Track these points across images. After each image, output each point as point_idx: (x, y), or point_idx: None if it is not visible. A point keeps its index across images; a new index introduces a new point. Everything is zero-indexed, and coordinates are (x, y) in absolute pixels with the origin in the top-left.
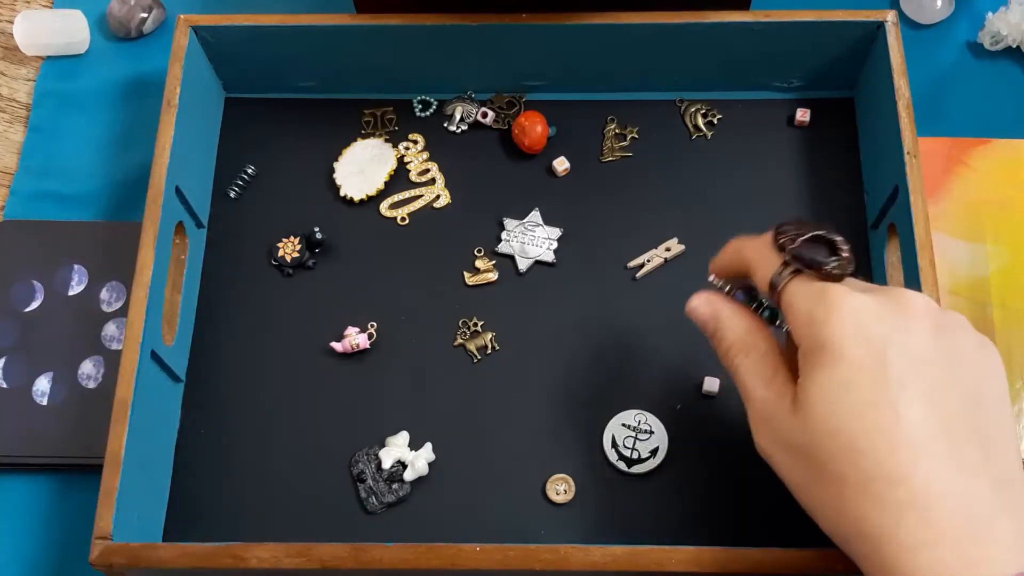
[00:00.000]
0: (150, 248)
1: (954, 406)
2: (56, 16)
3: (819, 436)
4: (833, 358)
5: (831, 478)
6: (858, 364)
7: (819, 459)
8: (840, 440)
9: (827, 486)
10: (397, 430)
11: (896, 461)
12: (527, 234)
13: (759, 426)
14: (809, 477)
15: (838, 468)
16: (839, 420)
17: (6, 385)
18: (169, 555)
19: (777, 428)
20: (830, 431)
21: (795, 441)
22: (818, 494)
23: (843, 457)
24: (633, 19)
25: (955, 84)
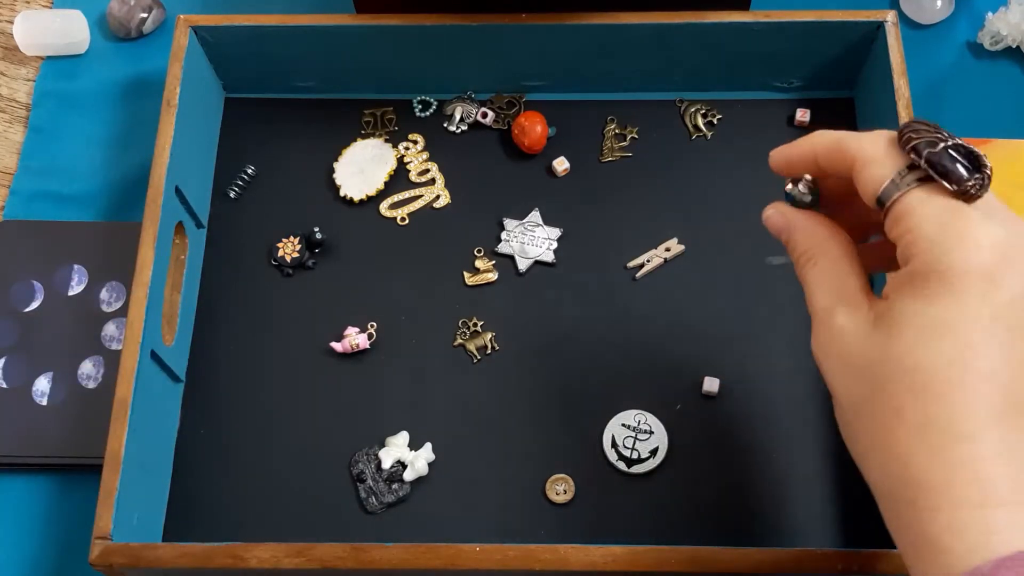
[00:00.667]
0: (150, 248)
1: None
2: (56, 16)
3: (894, 365)
4: (946, 291)
5: (891, 411)
6: (971, 308)
7: (884, 387)
8: (917, 378)
9: (883, 416)
10: (397, 430)
11: (969, 420)
12: (527, 234)
13: (820, 332)
14: (864, 400)
15: (901, 404)
16: (925, 358)
17: (6, 385)
18: (169, 555)
19: (844, 340)
20: (910, 366)
21: (863, 359)
22: (868, 421)
23: (912, 396)
24: (633, 19)
25: (955, 84)
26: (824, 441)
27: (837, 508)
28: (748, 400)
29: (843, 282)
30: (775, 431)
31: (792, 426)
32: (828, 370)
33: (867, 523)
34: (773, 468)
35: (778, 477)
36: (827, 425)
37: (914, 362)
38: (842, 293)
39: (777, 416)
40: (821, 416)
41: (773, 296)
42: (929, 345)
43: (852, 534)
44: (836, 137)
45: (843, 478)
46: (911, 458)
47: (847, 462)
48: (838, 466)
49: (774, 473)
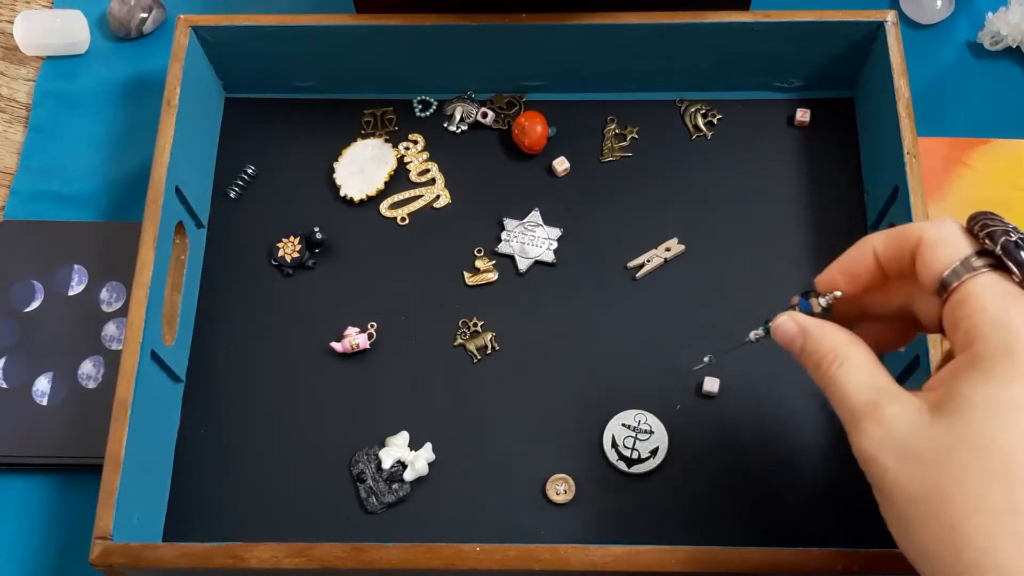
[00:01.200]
0: (150, 248)
1: None
2: (56, 16)
3: (968, 451)
4: (1019, 373)
5: (968, 499)
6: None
7: (958, 475)
8: (993, 461)
9: (957, 505)
10: (397, 430)
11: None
12: (527, 234)
13: (869, 428)
14: (931, 490)
15: (980, 491)
16: (999, 438)
17: (6, 385)
18: (169, 555)
19: (901, 432)
20: (983, 447)
21: (928, 448)
22: (935, 512)
23: (993, 482)
24: (633, 19)
25: (955, 84)
26: (824, 441)
27: (837, 508)
28: (748, 400)
29: (879, 378)
30: (775, 431)
31: (792, 426)
32: (883, 465)
33: (867, 523)
34: (773, 468)
35: (778, 477)
36: (827, 425)
37: (991, 445)
38: (882, 387)
39: (777, 416)
40: (821, 416)
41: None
42: (1004, 423)
43: (852, 534)
44: (897, 228)
45: (843, 478)
46: (993, 546)
47: (847, 462)
48: (838, 466)
49: (774, 473)
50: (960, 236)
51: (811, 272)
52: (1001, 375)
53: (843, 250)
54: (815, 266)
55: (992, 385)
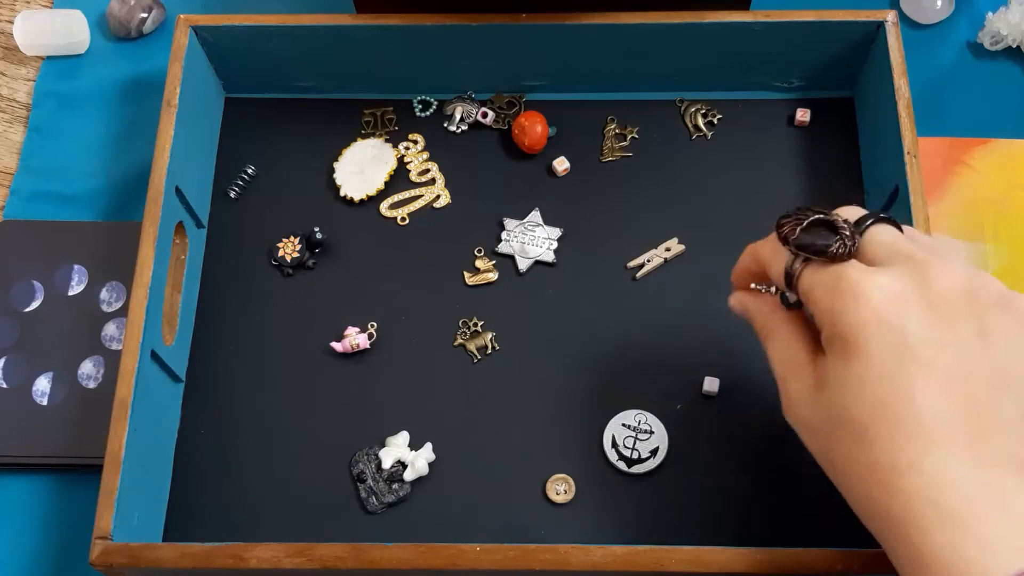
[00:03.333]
0: (150, 248)
1: (978, 390)
2: (56, 16)
3: (835, 422)
4: (852, 350)
5: (845, 462)
6: (876, 357)
7: (835, 441)
8: (855, 430)
9: (843, 468)
10: (397, 430)
11: (905, 450)
12: (527, 234)
13: (784, 403)
14: (827, 457)
15: (850, 453)
16: (853, 411)
17: (6, 385)
18: (169, 555)
19: (800, 408)
20: (845, 420)
21: (815, 421)
22: (835, 473)
23: (854, 444)
24: (633, 19)
25: (955, 84)
26: None
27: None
28: (748, 400)
29: (793, 354)
30: (775, 431)
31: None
32: (798, 433)
33: None
34: (773, 468)
35: (778, 477)
36: None
37: (849, 416)
38: (792, 363)
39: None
40: None
41: None
42: (854, 398)
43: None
44: (751, 249)
45: None
46: (874, 498)
47: None
48: None
49: (774, 473)
50: (779, 247)
51: None
52: (842, 354)
53: None
54: None
55: (839, 365)
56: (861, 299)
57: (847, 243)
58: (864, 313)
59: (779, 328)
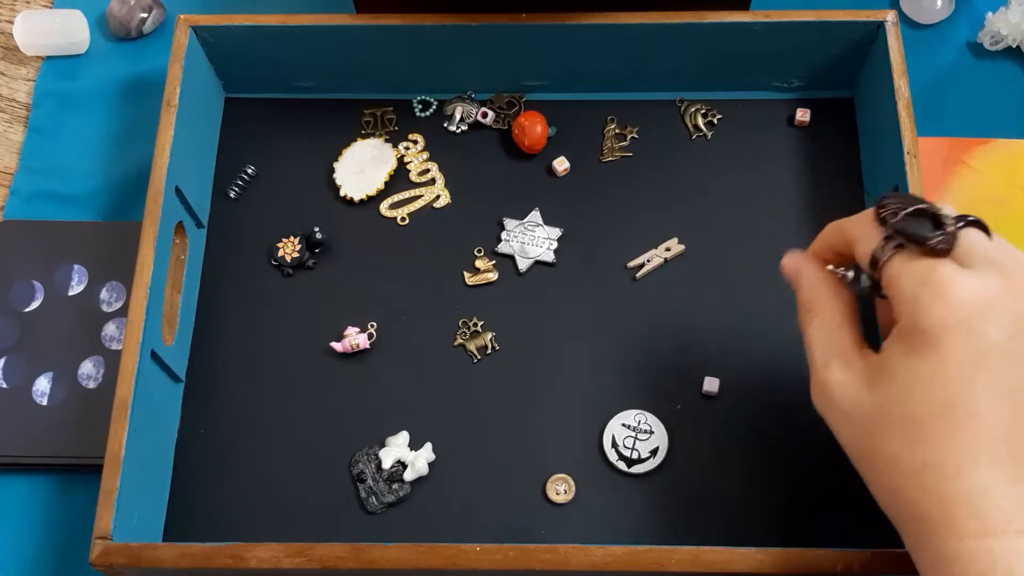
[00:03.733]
0: (150, 248)
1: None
2: (56, 16)
3: (888, 416)
4: (929, 347)
5: (889, 458)
6: (952, 360)
7: (881, 437)
8: (909, 428)
9: (882, 463)
10: (397, 430)
11: (957, 457)
12: (527, 234)
13: (816, 385)
14: (864, 447)
15: (898, 451)
16: (916, 409)
17: (6, 385)
18: (169, 555)
19: (839, 397)
20: (902, 416)
21: (859, 411)
22: (871, 467)
23: (907, 444)
24: (633, 19)
25: (955, 84)
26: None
27: (837, 508)
28: (748, 400)
29: (839, 338)
30: (775, 431)
31: (792, 426)
32: (829, 420)
33: (867, 523)
34: (773, 468)
35: (778, 477)
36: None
37: (906, 413)
38: (837, 348)
39: (777, 416)
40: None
41: (773, 296)
42: (919, 396)
43: (852, 534)
44: (837, 224)
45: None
46: (912, 498)
47: (847, 462)
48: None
49: (774, 473)
50: (873, 227)
51: None
52: (917, 349)
53: None
54: None
55: (910, 358)
56: (950, 297)
57: (949, 239)
58: (950, 311)
59: (828, 308)
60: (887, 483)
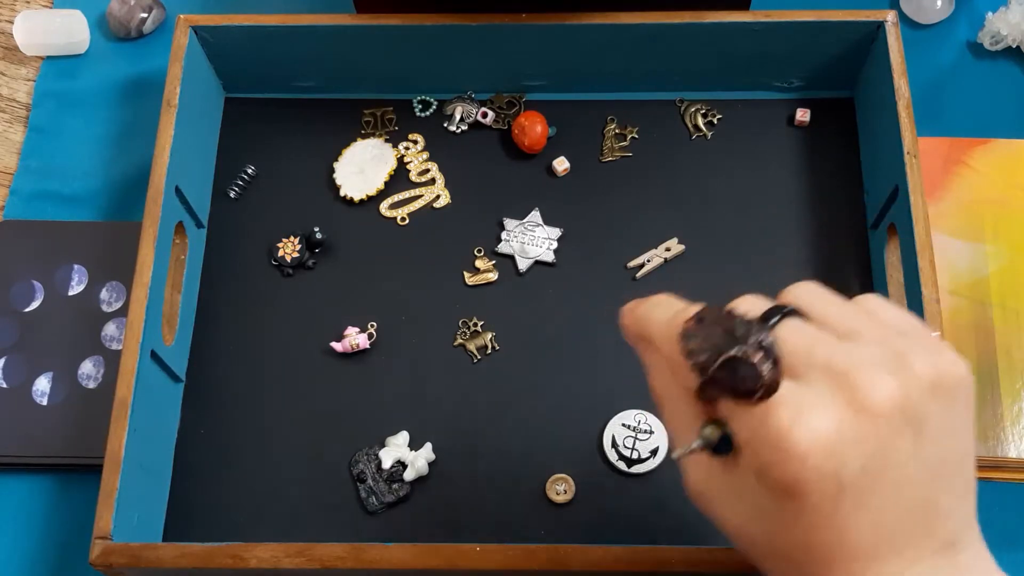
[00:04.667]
0: (150, 248)
1: (915, 494)
2: (56, 16)
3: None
4: (784, 496)
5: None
6: (811, 505)
7: (756, 554)
8: (781, 559)
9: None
10: (397, 430)
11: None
12: (527, 234)
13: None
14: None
15: (776, 570)
16: (779, 543)
17: (6, 385)
18: (169, 555)
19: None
20: (771, 549)
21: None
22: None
23: (779, 560)
24: (633, 19)
25: (955, 84)
26: None
27: None
28: None
29: (683, 435)
30: None
31: None
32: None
33: None
34: None
35: None
36: None
37: (775, 548)
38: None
39: None
40: None
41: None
42: (785, 534)
43: None
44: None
45: None
46: None
47: None
48: None
49: None
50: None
51: (811, 272)
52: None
53: (843, 250)
54: (815, 266)
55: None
56: (793, 455)
57: (770, 386)
58: (798, 469)
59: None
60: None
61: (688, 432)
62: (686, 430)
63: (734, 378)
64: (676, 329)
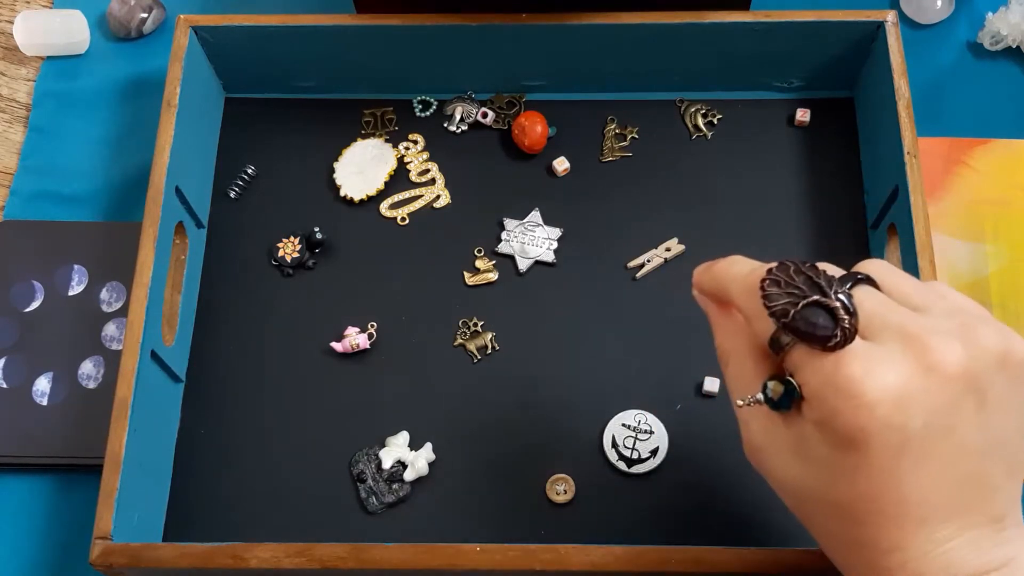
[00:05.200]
0: (150, 248)
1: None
2: (56, 16)
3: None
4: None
5: (819, 527)
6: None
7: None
8: (837, 510)
9: (816, 530)
10: (397, 430)
11: (890, 535)
12: (527, 234)
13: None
14: (800, 513)
15: (827, 526)
16: (840, 496)
17: (6, 385)
18: (169, 555)
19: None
20: (827, 500)
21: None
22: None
23: (833, 518)
24: (633, 19)
25: (955, 84)
26: None
27: None
28: None
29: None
30: None
31: None
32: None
33: None
34: None
35: None
36: None
37: (832, 498)
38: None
39: None
40: None
41: None
42: (844, 487)
43: None
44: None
45: None
46: (848, 565)
47: None
48: None
49: None
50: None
51: None
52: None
53: (843, 250)
54: None
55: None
56: (863, 402)
57: (848, 334)
58: (866, 418)
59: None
60: (826, 547)
61: (750, 389)
62: (748, 387)
63: (814, 324)
64: (757, 279)
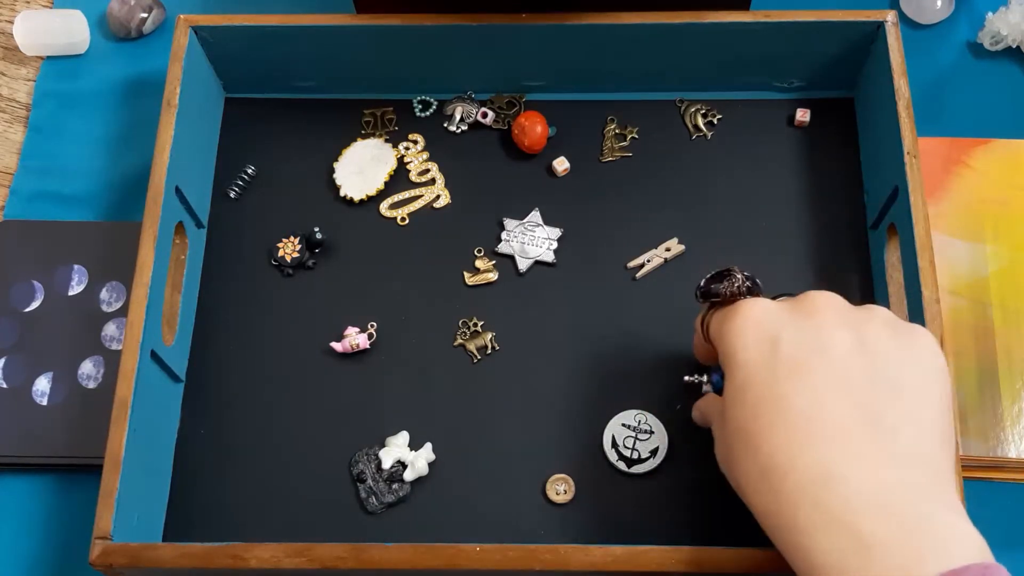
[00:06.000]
0: (150, 248)
1: (860, 394)
2: (56, 16)
3: (730, 440)
4: (734, 364)
5: (743, 477)
6: (752, 364)
7: (732, 461)
8: (742, 438)
9: (744, 484)
10: (397, 430)
11: (784, 449)
12: (527, 234)
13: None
14: (734, 479)
15: (744, 466)
16: (739, 420)
17: (6, 385)
18: (169, 555)
19: (717, 445)
20: (736, 431)
21: (721, 450)
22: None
23: (745, 455)
24: (633, 19)
25: (955, 84)
26: None
27: None
28: None
29: None
30: None
31: None
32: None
33: None
34: None
35: None
36: None
37: (737, 427)
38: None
39: None
40: None
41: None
42: (739, 408)
43: None
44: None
45: None
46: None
47: None
48: None
49: None
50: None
51: (810, 272)
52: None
53: (843, 250)
54: (815, 266)
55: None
56: (739, 317)
57: (738, 284)
58: (741, 327)
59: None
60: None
61: None
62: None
63: (715, 284)
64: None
